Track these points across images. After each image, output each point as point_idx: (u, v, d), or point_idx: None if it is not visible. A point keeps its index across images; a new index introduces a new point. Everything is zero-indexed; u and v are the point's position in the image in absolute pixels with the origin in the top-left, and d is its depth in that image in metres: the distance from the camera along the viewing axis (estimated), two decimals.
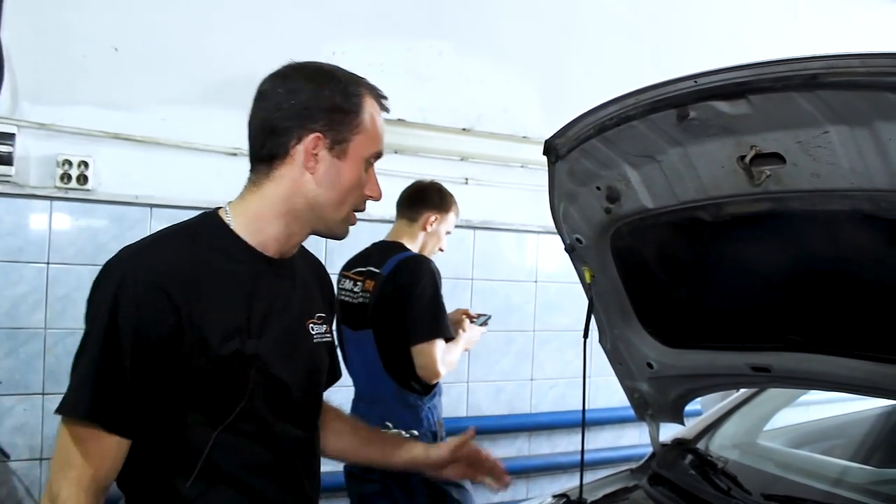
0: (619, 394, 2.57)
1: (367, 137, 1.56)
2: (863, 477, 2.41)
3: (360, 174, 1.57)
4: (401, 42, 4.10)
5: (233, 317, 1.49)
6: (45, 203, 3.38)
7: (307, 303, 1.68)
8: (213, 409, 1.47)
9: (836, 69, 1.30)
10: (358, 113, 1.54)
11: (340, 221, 1.60)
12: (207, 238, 1.54)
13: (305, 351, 1.65)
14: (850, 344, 1.90)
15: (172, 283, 1.43)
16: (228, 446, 1.48)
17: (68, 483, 1.39)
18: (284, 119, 1.53)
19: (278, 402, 1.55)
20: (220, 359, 1.45)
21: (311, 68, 1.59)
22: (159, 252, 1.50)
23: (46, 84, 3.35)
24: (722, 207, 1.79)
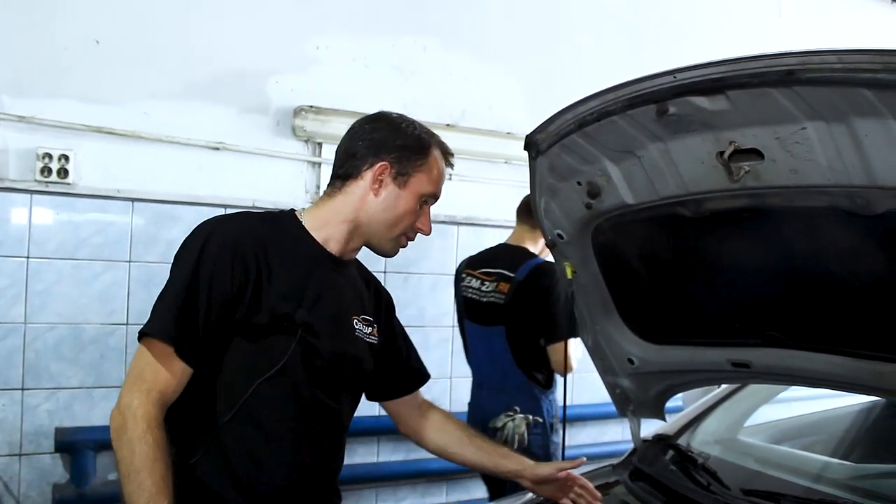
0: (601, 390, 2.57)
1: (428, 178, 1.87)
2: (842, 472, 2.42)
3: (414, 206, 1.87)
4: (385, 37, 4.09)
5: (290, 288, 1.76)
6: (24, 197, 3.35)
7: (356, 302, 1.95)
8: (260, 360, 1.72)
9: (812, 65, 1.30)
10: (424, 156, 1.86)
11: (390, 240, 1.90)
12: (282, 225, 1.86)
13: (347, 337, 1.88)
14: (829, 340, 1.91)
15: (247, 249, 1.72)
16: (264, 397, 1.73)
17: (140, 393, 1.62)
18: (363, 147, 1.86)
19: (314, 370, 1.79)
20: (273, 317, 1.72)
21: (396, 115, 1.94)
22: (242, 224, 1.80)
23: (27, 76, 3.32)
24: (702, 203, 1.80)
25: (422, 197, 1.88)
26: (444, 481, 4.32)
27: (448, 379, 4.29)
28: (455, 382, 4.30)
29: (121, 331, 3.56)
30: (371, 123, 1.92)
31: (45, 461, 3.46)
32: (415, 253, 4.13)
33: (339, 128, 3.75)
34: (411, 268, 4.14)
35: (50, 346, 3.44)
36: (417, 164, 1.86)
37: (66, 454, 3.47)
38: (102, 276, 3.52)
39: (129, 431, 1.58)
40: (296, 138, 3.81)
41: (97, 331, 3.51)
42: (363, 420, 3.96)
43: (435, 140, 1.93)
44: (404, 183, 1.86)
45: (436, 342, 4.25)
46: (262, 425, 1.76)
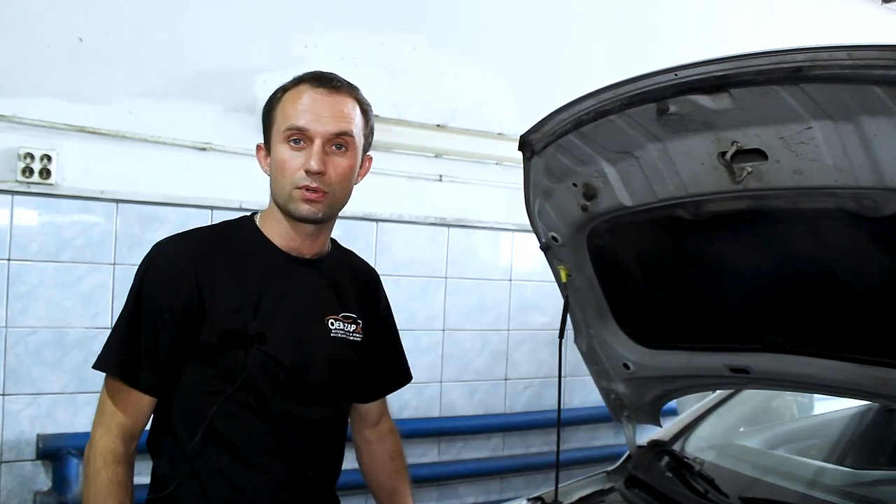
0: (594, 394, 2.54)
1: (280, 122, 1.69)
2: (840, 479, 2.40)
3: (279, 157, 1.68)
4: (374, 36, 4.04)
5: (241, 299, 1.69)
6: (6, 198, 3.28)
7: (332, 301, 1.84)
8: (219, 379, 1.66)
9: (821, 62, 1.26)
10: (274, 119, 1.71)
11: (287, 203, 1.70)
12: (237, 234, 1.78)
13: (316, 341, 1.78)
14: (830, 345, 1.88)
15: (192, 266, 1.67)
16: (229, 415, 1.67)
17: (101, 427, 1.63)
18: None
19: (279, 382, 1.71)
20: (225, 333, 1.65)
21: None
22: (187, 241, 1.76)
23: (8, 75, 3.24)
24: (701, 205, 1.76)
25: (285, 140, 1.67)
26: (435, 486, 4.27)
27: (438, 383, 4.24)
28: (445, 387, 4.26)
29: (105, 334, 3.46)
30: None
31: (27, 468, 3.38)
32: (405, 255, 4.09)
33: None
34: (401, 270, 4.09)
35: (32, 350, 3.36)
36: (271, 122, 1.72)
37: (49, 461, 3.39)
38: (86, 278, 3.45)
39: (88, 467, 1.61)
40: None
41: (80, 334, 3.44)
42: None
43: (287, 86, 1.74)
44: (269, 147, 1.73)
45: (427, 346, 4.20)
46: (237, 448, 1.69)
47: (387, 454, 2.10)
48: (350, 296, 1.89)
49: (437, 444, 4.28)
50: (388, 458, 2.10)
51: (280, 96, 1.72)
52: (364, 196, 3.93)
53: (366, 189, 3.90)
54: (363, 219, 3.95)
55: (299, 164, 1.66)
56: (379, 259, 4.00)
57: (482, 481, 4.43)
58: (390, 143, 3.97)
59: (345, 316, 1.85)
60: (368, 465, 2.10)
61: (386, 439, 2.11)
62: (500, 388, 4.47)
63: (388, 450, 2.10)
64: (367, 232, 3.97)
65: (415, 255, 4.14)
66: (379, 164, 3.88)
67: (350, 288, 1.90)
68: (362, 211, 3.94)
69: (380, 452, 2.10)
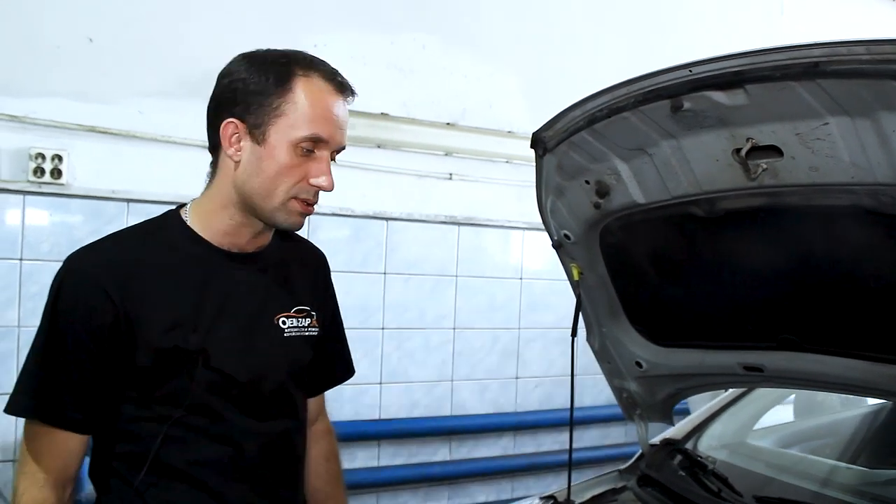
0: (605, 392, 2.53)
1: (294, 120, 1.46)
2: (854, 478, 2.38)
3: (284, 161, 1.47)
4: (384, 35, 4.04)
5: (177, 311, 1.48)
6: (17, 198, 3.29)
7: (280, 297, 1.65)
8: (161, 404, 1.47)
9: (839, 57, 1.24)
10: (281, 95, 1.46)
11: (276, 211, 1.51)
12: (163, 235, 1.55)
13: (270, 345, 1.60)
14: (846, 343, 1.86)
15: (112, 279, 1.44)
16: (179, 441, 1.48)
17: (24, 478, 1.43)
18: (214, 108, 1.53)
19: (233, 398, 1.53)
20: (160, 352, 1.45)
21: (250, 53, 1.54)
22: (105, 250, 1.52)
23: (19, 75, 3.25)
24: (716, 202, 1.74)
25: (297, 145, 1.47)
26: (446, 485, 4.27)
27: (449, 382, 4.24)
28: (456, 386, 4.25)
29: None
30: (222, 71, 1.54)
31: None
32: (415, 254, 4.08)
33: None
34: (412, 269, 4.09)
35: None
36: (274, 108, 1.46)
37: None
38: None
39: None
40: None
41: None
42: (364, 424, 3.95)
43: (298, 65, 1.49)
44: (262, 137, 1.46)
45: (437, 344, 4.20)
46: (193, 478, 1.50)
47: (321, 456, 1.89)
48: (301, 286, 1.71)
49: (447, 442, 4.28)
50: (323, 460, 1.90)
51: (293, 78, 1.47)
52: (374, 195, 3.96)
53: (376, 188, 3.95)
54: (373, 217, 3.96)
55: (303, 173, 1.49)
56: (389, 258, 4.00)
57: (493, 480, 4.43)
58: (400, 141, 3.97)
59: (298, 310, 1.67)
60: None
61: (321, 440, 1.90)
62: (510, 387, 4.47)
63: (323, 451, 1.90)
64: (378, 230, 3.97)
65: (425, 253, 4.14)
66: (389, 163, 3.95)
67: (300, 277, 1.72)
68: (372, 210, 3.94)
69: (314, 454, 1.86)
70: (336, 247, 3.85)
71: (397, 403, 4.09)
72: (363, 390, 3.98)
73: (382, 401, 4.04)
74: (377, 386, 4.02)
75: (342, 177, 3.96)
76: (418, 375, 4.14)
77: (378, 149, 3.94)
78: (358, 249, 3.93)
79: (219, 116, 1.51)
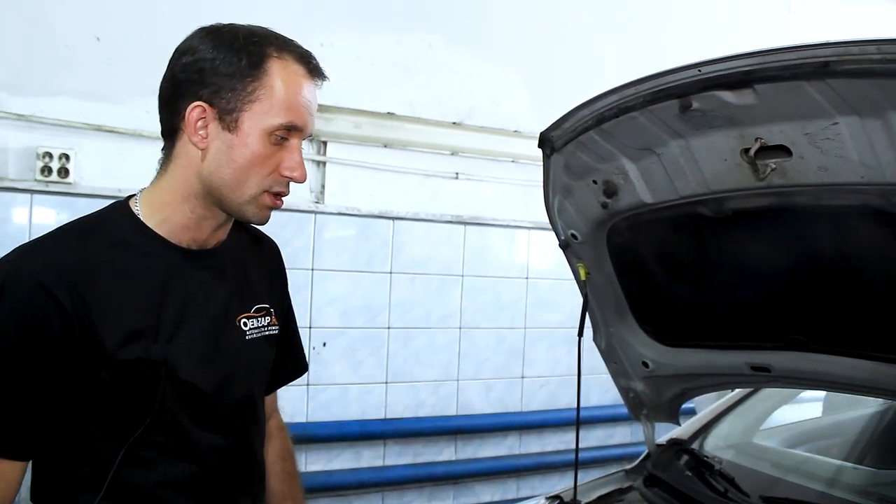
0: (611, 392, 2.52)
1: (269, 106, 1.34)
2: (861, 478, 2.38)
3: (258, 150, 1.34)
4: (390, 34, 4.04)
5: (136, 319, 1.33)
6: (25, 196, 3.30)
7: (241, 296, 1.51)
8: (120, 420, 1.32)
9: (850, 56, 1.24)
10: (256, 78, 1.33)
11: (245, 204, 1.38)
12: (111, 231, 1.37)
13: (234, 350, 1.47)
14: (854, 343, 1.85)
15: (60, 283, 1.26)
16: (140, 461, 1.35)
17: None
18: (174, 88, 1.38)
19: (198, 411, 1.40)
20: (120, 365, 1.29)
21: (214, 28, 1.41)
22: (49, 250, 1.32)
23: (26, 74, 3.26)
24: (724, 202, 1.74)
25: (272, 133, 1.35)
26: (451, 484, 4.27)
27: (455, 381, 4.24)
28: (462, 385, 4.25)
29: None
30: (182, 46, 1.41)
31: None
32: (421, 253, 4.08)
33: (344, 126, 3.77)
34: (418, 269, 4.09)
35: None
36: (247, 93, 1.33)
37: None
38: None
39: None
40: None
41: None
42: (369, 423, 3.95)
43: (273, 46, 1.38)
44: (234, 124, 1.33)
45: (443, 344, 4.20)
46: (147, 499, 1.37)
47: (276, 455, 1.77)
48: (259, 282, 1.59)
49: (453, 442, 4.28)
50: (279, 458, 1.78)
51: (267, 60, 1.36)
52: (380, 194, 3.96)
53: (382, 187, 3.95)
54: (379, 217, 3.96)
55: (276, 163, 1.37)
56: (395, 257, 4.00)
57: (499, 480, 4.43)
58: (406, 140, 3.97)
59: (258, 309, 1.54)
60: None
61: (275, 438, 1.78)
62: (516, 387, 4.46)
63: (278, 450, 1.78)
64: (384, 230, 3.97)
65: (431, 252, 4.14)
66: (395, 162, 3.95)
67: (257, 273, 1.59)
68: (378, 209, 3.94)
69: (269, 452, 1.74)
70: (342, 246, 3.86)
71: (403, 403, 4.09)
72: (369, 390, 3.98)
73: (388, 400, 4.04)
74: (383, 385, 4.02)
75: (349, 176, 3.97)
76: (424, 375, 4.14)
77: (384, 148, 3.94)
78: (364, 249, 3.93)
79: (180, 99, 1.36)
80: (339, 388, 3.89)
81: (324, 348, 3.81)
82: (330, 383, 3.85)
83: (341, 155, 3.84)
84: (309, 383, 3.78)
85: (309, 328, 3.76)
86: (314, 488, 3.73)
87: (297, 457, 3.58)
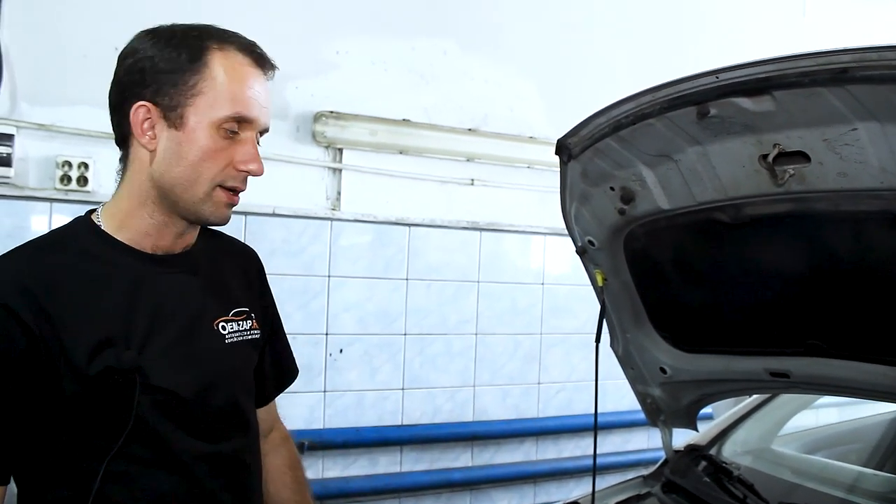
0: (627, 397, 2.52)
1: (213, 98, 1.32)
2: (880, 484, 2.37)
3: (206, 145, 1.32)
4: (405, 41, 4.05)
5: (104, 328, 1.29)
6: (44, 205, 3.32)
7: (217, 300, 1.48)
8: (97, 435, 1.28)
9: (869, 62, 1.24)
10: (196, 71, 1.32)
11: (200, 203, 1.36)
12: (73, 244, 1.35)
13: (212, 354, 1.44)
14: (873, 349, 1.85)
15: (22, 299, 1.23)
16: (123, 476, 1.31)
17: None
18: (119, 92, 1.36)
19: (180, 419, 1.36)
20: (91, 378, 1.26)
21: (154, 29, 1.40)
22: (8, 266, 1.30)
23: (46, 84, 3.29)
24: (741, 208, 1.74)
25: (220, 126, 1.33)
26: (468, 490, 4.26)
27: (471, 387, 4.24)
28: (478, 391, 4.25)
29: None
30: (124, 50, 1.39)
31: None
32: (438, 260, 4.09)
33: (360, 133, 3.79)
34: (434, 274, 4.09)
35: None
36: (189, 88, 1.31)
37: None
38: None
39: None
40: (316, 144, 3.77)
41: None
42: (386, 430, 3.96)
43: (212, 38, 1.37)
44: (180, 120, 1.31)
45: (459, 350, 4.19)
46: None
47: (285, 465, 1.76)
48: (236, 286, 1.55)
49: (469, 448, 4.27)
50: (288, 469, 1.76)
51: (207, 52, 1.35)
52: (396, 201, 3.97)
53: (398, 194, 3.95)
54: (395, 223, 3.96)
55: (228, 158, 1.35)
56: (411, 263, 4.00)
57: (515, 486, 4.42)
58: (422, 147, 3.98)
59: (237, 313, 1.51)
60: (265, 481, 1.67)
61: (281, 448, 1.77)
62: (532, 392, 4.46)
63: (286, 460, 1.77)
64: (400, 236, 3.98)
65: (447, 259, 4.14)
66: (411, 169, 3.96)
67: (233, 277, 1.56)
68: (395, 215, 3.95)
69: (277, 465, 1.74)
70: (358, 253, 3.87)
71: (419, 409, 4.09)
72: (385, 396, 3.99)
73: (405, 406, 4.04)
74: (399, 392, 4.03)
75: (365, 183, 3.98)
76: (440, 381, 4.14)
77: (400, 155, 3.95)
78: (380, 255, 3.94)
79: (125, 102, 1.34)
80: (355, 394, 3.89)
81: (340, 355, 3.82)
82: (346, 390, 3.86)
83: (357, 162, 3.85)
84: (325, 390, 3.79)
85: (325, 335, 3.78)
86: (331, 495, 3.73)
87: (314, 463, 3.60)
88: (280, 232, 3.64)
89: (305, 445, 3.61)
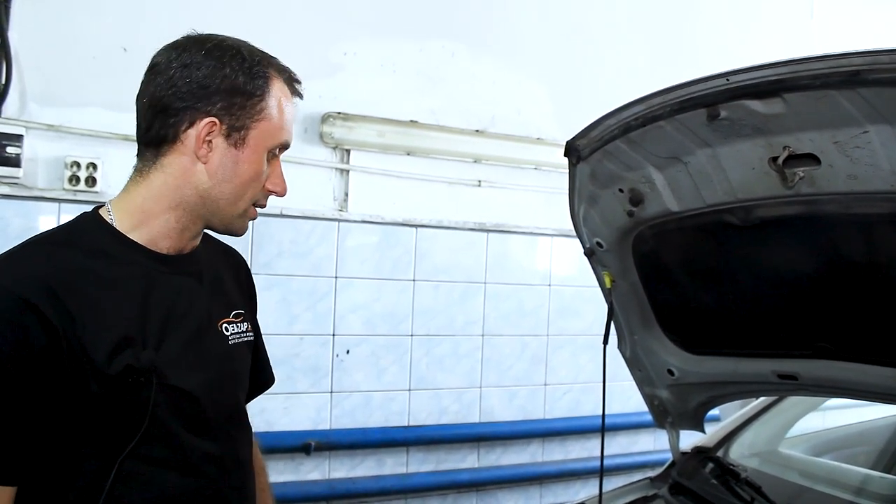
0: (633, 399, 2.52)
1: (272, 126, 1.39)
2: (890, 487, 2.36)
3: (260, 167, 1.40)
4: (413, 42, 4.05)
5: (122, 328, 1.29)
6: (53, 205, 3.33)
7: (220, 300, 1.51)
8: (111, 435, 1.28)
9: (881, 65, 1.24)
10: (262, 97, 1.38)
11: (237, 217, 1.43)
12: (86, 241, 1.34)
13: (219, 355, 1.46)
14: (882, 351, 1.85)
15: (43, 296, 1.21)
16: (134, 476, 1.30)
17: None
18: (176, 98, 1.36)
19: (191, 419, 1.37)
20: (110, 378, 1.25)
21: (212, 42, 1.43)
22: (26, 261, 1.28)
23: (55, 85, 3.30)
24: (751, 210, 1.74)
25: (270, 151, 1.41)
26: (474, 491, 4.26)
27: (478, 389, 4.24)
28: (485, 392, 4.25)
29: None
30: (180, 59, 1.40)
31: None
32: (445, 261, 4.09)
33: (368, 134, 3.79)
34: (441, 276, 4.10)
35: None
36: (256, 112, 1.37)
37: None
38: None
39: None
40: (323, 145, 3.77)
41: None
42: (392, 430, 3.96)
43: (273, 67, 1.43)
44: (241, 140, 1.37)
45: (466, 351, 4.19)
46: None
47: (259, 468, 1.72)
48: (232, 288, 1.58)
49: (476, 449, 4.27)
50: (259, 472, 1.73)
51: (269, 82, 1.40)
52: (404, 202, 3.97)
53: (405, 195, 3.96)
54: (403, 224, 3.96)
55: (265, 179, 1.43)
56: (419, 264, 4.01)
57: (522, 487, 4.41)
58: (429, 148, 3.98)
59: (236, 314, 1.54)
60: None
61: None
62: (539, 394, 4.45)
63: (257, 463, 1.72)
64: (407, 237, 3.98)
65: (454, 260, 4.14)
66: (418, 170, 3.97)
67: (229, 279, 1.59)
68: (402, 217, 3.95)
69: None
70: (365, 254, 3.87)
71: (426, 410, 4.09)
72: (392, 397, 3.99)
73: (411, 407, 4.04)
74: (406, 392, 4.03)
75: (372, 184, 3.98)
76: (447, 382, 4.14)
77: (408, 156, 3.95)
78: (387, 256, 3.94)
79: (183, 111, 1.36)
80: (362, 395, 3.89)
81: (347, 356, 3.83)
82: (353, 390, 3.87)
83: (364, 163, 3.86)
84: (332, 391, 3.80)
85: (332, 336, 3.78)
86: (337, 495, 3.74)
87: (321, 464, 3.60)
88: (288, 233, 3.64)
89: (312, 446, 3.62)
